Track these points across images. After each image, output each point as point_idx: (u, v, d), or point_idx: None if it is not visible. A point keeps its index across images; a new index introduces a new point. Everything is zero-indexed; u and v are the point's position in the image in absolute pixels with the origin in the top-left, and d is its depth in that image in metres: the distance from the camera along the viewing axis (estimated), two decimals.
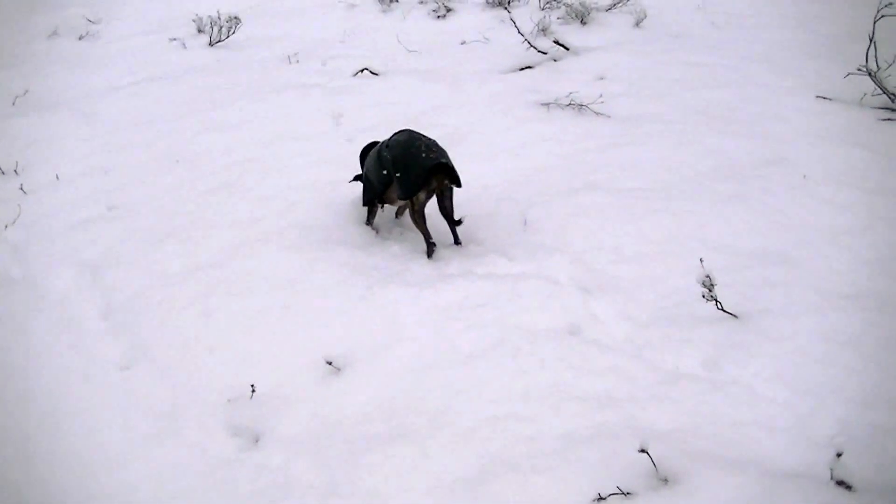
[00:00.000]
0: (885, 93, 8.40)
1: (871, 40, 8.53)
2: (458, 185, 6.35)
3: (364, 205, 6.89)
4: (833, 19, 11.67)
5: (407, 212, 6.90)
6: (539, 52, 11.11)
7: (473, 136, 8.60)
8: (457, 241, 6.56)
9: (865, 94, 8.58)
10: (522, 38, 11.27)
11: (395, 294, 5.92)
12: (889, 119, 8.12)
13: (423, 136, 6.51)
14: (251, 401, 5.09)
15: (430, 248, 6.44)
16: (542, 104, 9.37)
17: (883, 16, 8.42)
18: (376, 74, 10.94)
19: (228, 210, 7.39)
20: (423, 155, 6.26)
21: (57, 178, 8.27)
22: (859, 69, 8.56)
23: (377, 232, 6.96)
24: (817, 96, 8.84)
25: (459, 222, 6.42)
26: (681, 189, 7.11)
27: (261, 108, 9.80)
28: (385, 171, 6.39)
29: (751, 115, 8.62)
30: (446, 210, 6.45)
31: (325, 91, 10.29)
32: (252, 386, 5.12)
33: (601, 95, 9.16)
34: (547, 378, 4.87)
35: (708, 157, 7.71)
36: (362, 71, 11.00)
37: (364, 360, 5.34)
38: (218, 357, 5.56)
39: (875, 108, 8.45)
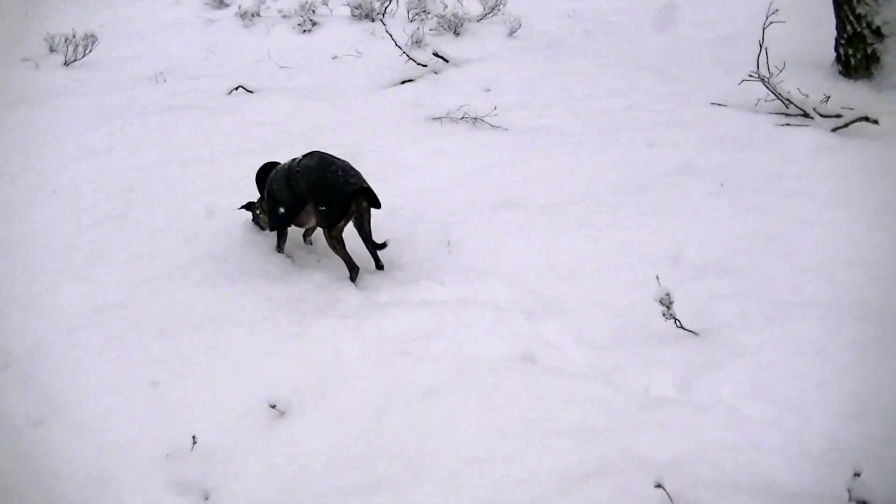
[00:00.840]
0: (779, 98, 8.60)
1: (761, 46, 8.70)
2: (378, 206, 6.12)
3: (272, 230, 6.55)
4: (705, 25, 11.92)
5: (319, 235, 6.60)
6: (419, 64, 10.95)
7: (368, 154, 8.29)
8: (379, 266, 6.32)
9: (759, 100, 8.75)
10: (400, 51, 11.08)
11: (330, 328, 5.58)
12: (787, 124, 8.28)
13: (335, 157, 6.23)
14: (193, 453, 4.67)
15: (354, 274, 6.18)
16: (434, 118, 9.20)
17: (772, 22, 8.59)
18: (251, 92, 10.54)
19: (123, 244, 6.88)
20: (342, 180, 5.99)
21: None
22: (751, 75, 8.71)
23: (292, 260, 6.58)
24: (712, 103, 8.95)
25: (383, 245, 6.19)
26: (599, 202, 7.03)
27: (134, 132, 9.28)
28: (297, 196, 6.18)
29: (649, 123, 8.66)
30: (366, 233, 6.21)
31: (201, 111, 9.80)
32: (193, 437, 4.71)
33: (495, 108, 9.04)
34: (522, 412, 4.63)
35: (617, 167, 7.68)
36: (236, 89, 10.55)
37: (310, 402, 4.96)
38: (143, 408, 5.07)
39: (770, 113, 8.61)
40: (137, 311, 5.93)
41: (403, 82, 10.64)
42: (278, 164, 6.66)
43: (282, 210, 6.35)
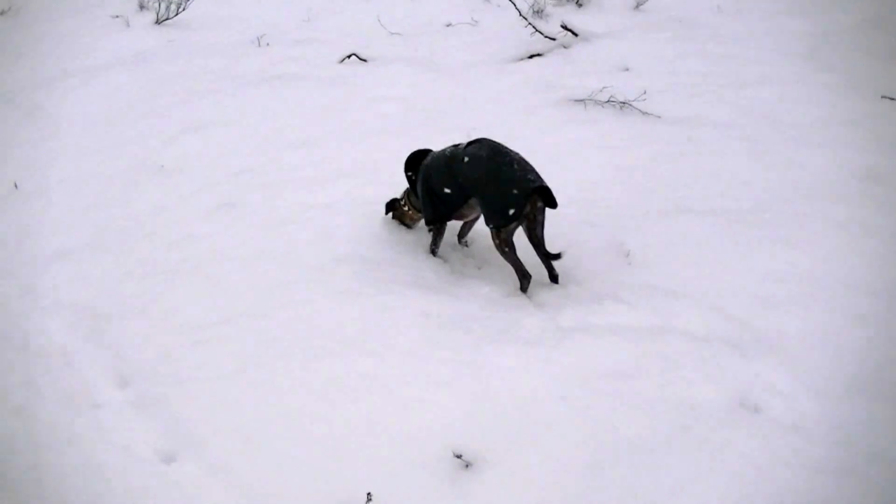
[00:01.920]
0: None
1: None
2: (555, 206, 5.35)
3: (429, 224, 5.76)
4: (848, 7, 10.78)
5: (476, 236, 5.95)
6: (546, 37, 9.96)
7: (509, 141, 7.36)
8: (553, 278, 5.52)
9: None
10: (524, 22, 10.10)
11: (514, 357, 4.80)
12: None
13: (507, 147, 5.45)
14: None
15: (526, 283, 5.43)
16: (575, 101, 8.28)
17: None
18: (364, 61, 9.62)
19: (243, 238, 6.10)
20: (518, 175, 5.21)
21: (16, 187, 6.74)
22: None
23: (450, 266, 5.78)
24: (882, 97, 7.90)
25: (558, 256, 5.38)
26: (781, 211, 6.16)
27: (242, 104, 8.45)
28: (461, 188, 5.46)
29: (811, 118, 7.70)
30: (538, 238, 5.41)
31: (313, 82, 8.98)
32: (368, 495, 3.90)
33: (645, 92, 8.06)
34: (764, 480, 3.91)
35: (790, 169, 6.78)
36: (349, 57, 9.65)
37: (502, 453, 4.19)
38: (293, 447, 4.32)
39: None
40: (273, 324, 5.16)
41: (531, 56, 9.72)
42: (430, 150, 5.84)
43: (442, 203, 5.61)
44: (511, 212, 5.21)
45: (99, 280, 5.73)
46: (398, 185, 6.56)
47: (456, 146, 5.59)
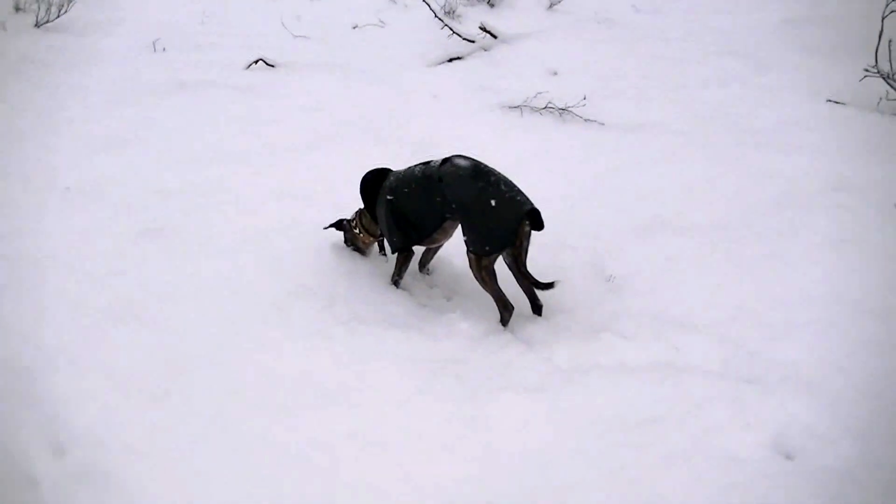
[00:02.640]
0: None
1: (880, 37, 7.60)
2: (541, 228, 4.84)
3: (396, 252, 5.21)
4: (766, 5, 10.66)
5: (439, 262, 5.38)
6: (465, 39, 9.43)
7: (450, 152, 6.84)
8: (537, 310, 5.01)
9: (881, 99, 7.53)
10: (437, 24, 9.64)
11: (516, 407, 4.23)
12: None
13: (487, 165, 4.95)
14: None
15: (507, 315, 4.92)
16: (510, 107, 7.84)
17: (893, 11, 7.43)
18: (272, 67, 8.90)
19: (177, 270, 5.35)
20: (507, 197, 4.72)
21: None
22: (867, 70, 7.49)
23: (414, 298, 5.15)
24: (828, 100, 7.70)
25: (550, 285, 4.83)
26: (766, 225, 5.83)
27: (150, 117, 7.62)
28: (437, 212, 4.96)
29: (766, 122, 7.46)
30: (522, 264, 4.89)
31: (223, 91, 8.21)
32: None
33: (585, 98, 7.63)
34: None
35: (759, 179, 6.46)
36: (256, 63, 8.92)
37: None
38: None
39: None
40: (233, 375, 4.46)
41: (450, 60, 9.17)
42: (390, 170, 5.30)
43: (413, 227, 5.08)
44: (500, 238, 4.70)
45: (9, 325, 4.86)
46: (342, 206, 5.95)
47: (426, 164, 5.06)
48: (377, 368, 4.47)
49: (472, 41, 9.41)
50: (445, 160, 4.93)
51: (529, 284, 4.87)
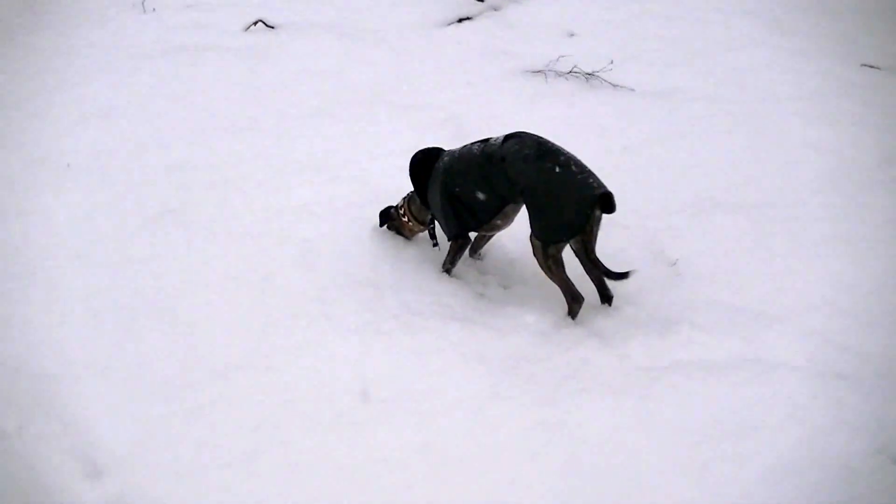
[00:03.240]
0: None
1: None
2: (613, 211, 4.38)
3: (452, 239, 4.79)
4: None
5: (490, 248, 4.92)
6: None
7: (477, 122, 6.42)
8: (607, 299, 4.64)
9: None
10: None
11: (599, 413, 3.90)
12: None
13: (554, 144, 4.50)
14: None
15: (577, 307, 4.53)
16: (532, 72, 7.32)
17: None
18: (272, 28, 8.33)
19: (203, 258, 4.94)
20: (579, 179, 4.30)
21: None
22: None
23: (466, 285, 4.75)
24: (863, 65, 7.30)
25: (625, 275, 4.40)
26: (822, 203, 5.50)
27: (147, 83, 7.07)
28: (496, 194, 4.53)
29: (803, 90, 7.03)
30: (592, 252, 4.47)
31: (223, 54, 7.65)
32: None
33: (612, 62, 7.17)
34: None
35: (809, 152, 6.11)
36: (255, 24, 8.33)
37: None
38: None
39: None
40: (281, 380, 4.13)
41: (460, 20, 8.60)
42: (441, 150, 4.86)
43: (470, 212, 4.64)
44: (572, 225, 4.30)
45: (21, 325, 4.38)
46: (370, 182, 5.60)
47: (485, 142, 4.63)
48: (442, 368, 4.11)
49: (482, 0, 8.83)
50: (508, 137, 4.51)
51: (600, 273, 4.48)
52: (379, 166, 5.82)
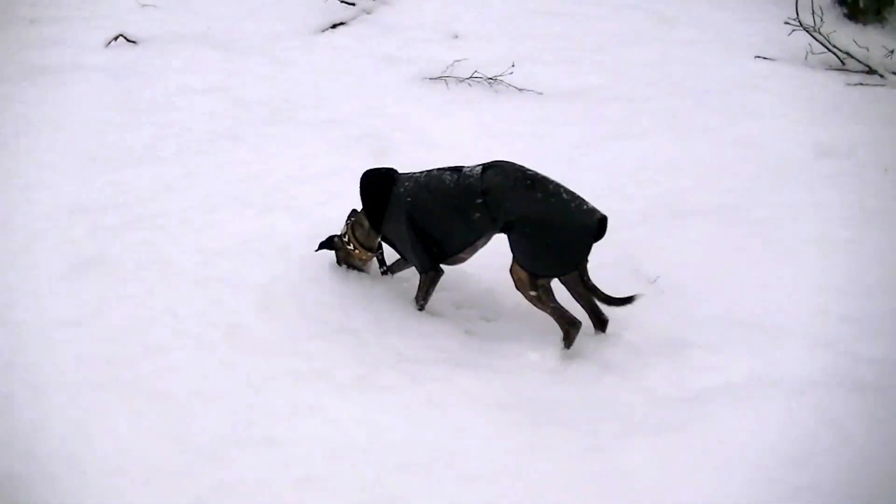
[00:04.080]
0: (832, 51, 7.34)
1: None
2: (603, 235, 4.11)
3: (424, 271, 4.41)
4: None
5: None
6: (344, 2, 8.48)
7: (395, 138, 6.07)
8: (601, 326, 4.35)
9: (808, 53, 7.31)
10: None
11: (652, 455, 3.58)
12: (861, 84, 7.00)
13: (533, 170, 4.21)
14: None
15: (575, 332, 4.20)
16: (431, 79, 7.03)
17: None
18: (134, 43, 7.64)
19: (146, 312, 4.35)
20: (574, 207, 4.03)
21: None
22: (790, 22, 7.25)
23: (447, 321, 4.41)
24: (756, 56, 7.41)
25: (630, 300, 4.17)
26: (781, 202, 5.41)
27: (12, 111, 6.25)
28: (472, 226, 4.19)
29: (711, 84, 7.09)
30: (588, 279, 4.24)
31: (89, 74, 6.97)
32: None
33: (513, 65, 6.96)
34: None
35: (740, 149, 6.05)
36: (116, 39, 7.61)
37: None
38: None
39: (828, 69, 7.29)
40: (292, 453, 3.60)
41: (334, 26, 8.20)
42: (395, 172, 4.53)
43: (437, 244, 4.32)
44: (570, 256, 4.07)
45: None
46: (305, 212, 5.20)
47: (456, 172, 4.29)
48: (466, 424, 3.72)
49: (353, 3, 8.43)
50: (486, 168, 4.20)
51: (597, 299, 4.21)
52: (308, 192, 5.39)
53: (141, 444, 3.62)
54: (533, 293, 4.15)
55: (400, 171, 4.52)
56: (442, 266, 4.44)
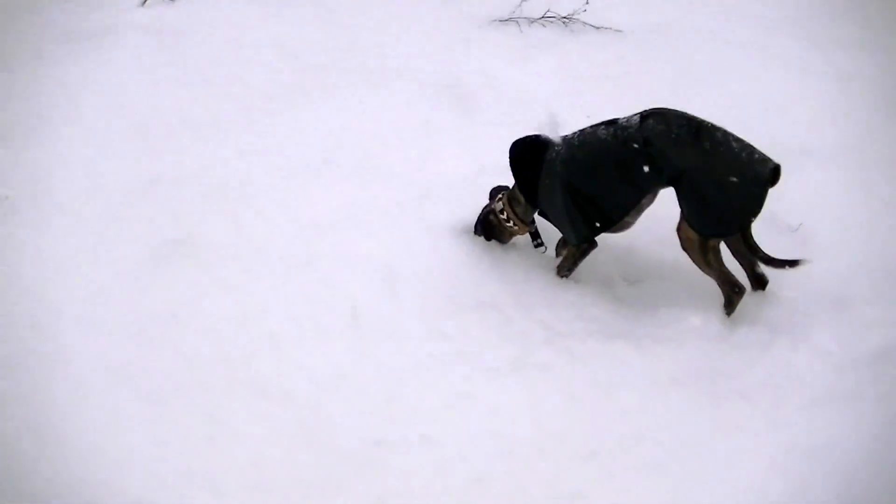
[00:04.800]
0: None
1: None
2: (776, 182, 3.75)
3: (581, 242, 4.03)
4: None
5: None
6: None
7: (477, 90, 5.57)
8: (762, 285, 3.98)
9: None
10: None
11: (844, 429, 3.23)
12: None
13: (698, 118, 3.79)
14: None
15: (738, 298, 3.83)
16: (500, 21, 6.49)
17: None
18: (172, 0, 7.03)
19: (254, 300, 3.97)
20: (746, 158, 3.62)
21: None
22: None
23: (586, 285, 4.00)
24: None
25: (795, 263, 3.79)
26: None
27: (62, 81, 5.74)
28: (637, 185, 3.80)
29: (785, 12, 6.51)
30: (751, 236, 3.86)
31: (134, 37, 6.33)
32: None
33: (587, 2, 6.39)
34: None
35: (853, 82, 5.58)
36: None
37: None
38: None
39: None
40: (445, 452, 3.11)
41: None
42: (544, 138, 4.08)
43: (598, 210, 3.90)
44: (743, 211, 3.68)
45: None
46: (407, 175, 4.79)
47: (611, 124, 3.88)
48: (636, 405, 3.33)
49: None
50: (645, 117, 3.80)
51: (759, 259, 3.88)
52: (400, 153, 4.90)
53: (276, 455, 3.21)
54: (702, 256, 3.78)
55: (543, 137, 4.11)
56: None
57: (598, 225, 3.92)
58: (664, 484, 3.04)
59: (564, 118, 4.11)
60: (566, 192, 3.87)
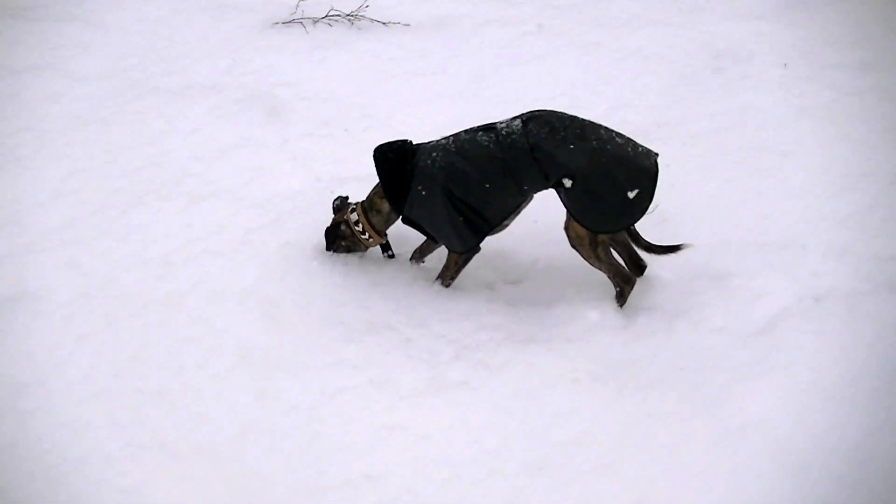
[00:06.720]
0: None
1: None
2: None
3: (467, 249, 3.97)
4: None
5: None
6: None
7: (284, 97, 5.49)
8: (641, 271, 4.07)
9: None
10: None
11: (775, 403, 3.38)
12: None
13: (576, 116, 3.85)
14: None
15: (628, 291, 3.94)
16: (284, 24, 6.43)
17: None
18: None
19: (117, 353, 3.64)
20: (631, 151, 3.75)
21: None
22: None
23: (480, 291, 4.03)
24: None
25: (677, 248, 3.95)
26: (713, 114, 5.29)
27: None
28: (519, 187, 3.80)
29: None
30: (636, 230, 4.01)
31: None
32: None
33: (366, 2, 6.43)
34: None
35: (648, 60, 5.90)
36: None
37: None
38: None
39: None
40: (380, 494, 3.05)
41: None
42: (411, 143, 4.03)
43: (478, 215, 3.86)
44: (634, 206, 3.73)
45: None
46: (234, 193, 4.63)
47: (490, 130, 3.85)
48: (566, 407, 3.42)
49: None
50: (525, 121, 3.79)
51: (639, 247, 4.01)
52: (226, 173, 4.76)
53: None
54: (592, 251, 3.84)
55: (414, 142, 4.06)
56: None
57: (482, 230, 3.91)
58: (618, 483, 3.07)
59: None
60: (448, 199, 3.81)
